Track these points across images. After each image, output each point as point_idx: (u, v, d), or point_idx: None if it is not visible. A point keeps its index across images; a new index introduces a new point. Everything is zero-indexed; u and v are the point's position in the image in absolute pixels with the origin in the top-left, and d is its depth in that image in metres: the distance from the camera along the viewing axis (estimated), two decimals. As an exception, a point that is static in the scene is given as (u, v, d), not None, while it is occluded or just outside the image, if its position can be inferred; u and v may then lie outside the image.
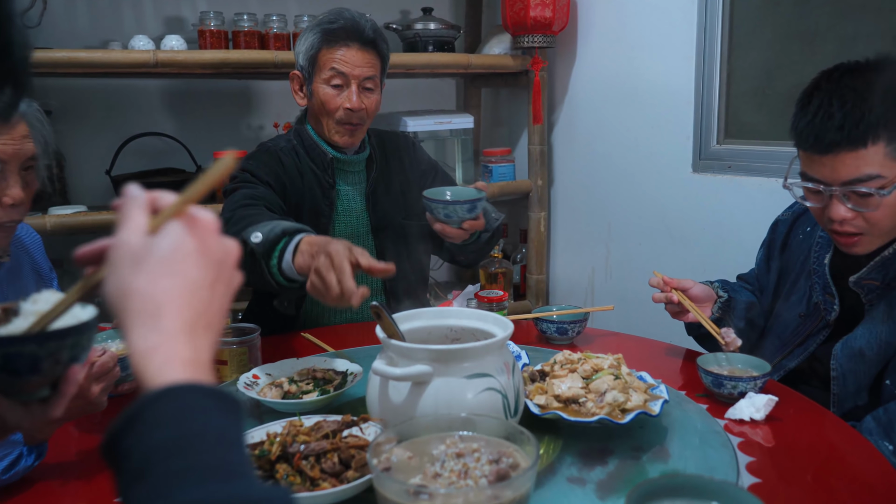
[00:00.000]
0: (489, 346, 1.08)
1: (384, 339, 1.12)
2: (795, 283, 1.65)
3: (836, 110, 1.34)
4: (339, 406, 1.33)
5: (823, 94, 1.38)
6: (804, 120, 1.39)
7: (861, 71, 1.38)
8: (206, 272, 0.64)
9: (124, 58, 2.22)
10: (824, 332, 1.55)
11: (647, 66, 2.64)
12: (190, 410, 0.56)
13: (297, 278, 1.45)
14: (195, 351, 0.60)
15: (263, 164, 1.85)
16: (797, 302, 1.63)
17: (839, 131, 1.33)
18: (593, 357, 1.32)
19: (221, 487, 0.53)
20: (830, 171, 1.37)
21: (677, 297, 1.58)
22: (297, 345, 1.74)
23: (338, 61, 1.82)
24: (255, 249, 1.45)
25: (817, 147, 1.37)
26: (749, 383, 1.35)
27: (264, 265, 1.47)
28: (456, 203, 1.67)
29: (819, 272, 1.57)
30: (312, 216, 1.88)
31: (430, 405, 1.05)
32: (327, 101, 1.84)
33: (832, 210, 1.40)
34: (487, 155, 3.05)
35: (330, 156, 1.90)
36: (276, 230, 1.47)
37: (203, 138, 2.72)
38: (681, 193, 2.57)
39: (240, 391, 1.31)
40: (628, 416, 1.17)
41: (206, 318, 0.62)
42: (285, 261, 1.45)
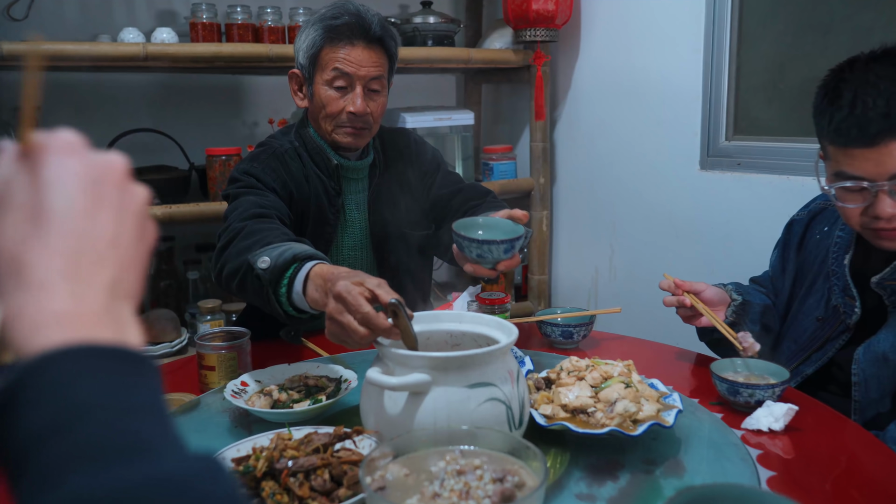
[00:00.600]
0: (492, 354, 1.01)
1: (380, 346, 1.04)
2: (812, 285, 1.58)
3: (873, 99, 1.27)
4: (331, 415, 1.26)
5: (855, 84, 1.30)
6: (839, 114, 1.31)
7: (886, 58, 1.31)
8: (73, 196, 0.49)
9: (113, 51, 2.15)
10: (844, 336, 1.48)
11: (653, 59, 2.57)
12: (74, 376, 0.44)
13: (308, 310, 1.33)
14: (76, 299, 0.47)
15: (270, 168, 1.72)
16: (815, 305, 1.56)
17: (885, 119, 1.26)
18: (602, 364, 1.25)
19: (127, 467, 0.42)
20: (875, 165, 1.29)
21: (689, 300, 1.51)
22: (290, 349, 1.66)
23: (341, 61, 1.69)
24: (262, 276, 1.33)
25: (861, 140, 1.29)
26: (767, 391, 1.28)
27: (272, 294, 1.34)
28: (492, 243, 1.42)
29: (838, 273, 1.49)
30: (318, 226, 1.78)
31: (429, 417, 0.99)
32: (329, 104, 1.72)
33: (879, 207, 1.31)
34: (488, 152, 2.99)
35: (335, 162, 1.78)
36: (287, 255, 1.32)
37: (196, 135, 2.66)
38: (688, 192, 2.50)
39: (227, 399, 1.23)
40: (640, 428, 1.10)
41: (89, 256, 0.48)
42: (295, 291, 1.31)
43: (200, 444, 1.17)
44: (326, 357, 1.58)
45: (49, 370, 0.44)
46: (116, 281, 0.49)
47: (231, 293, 1.47)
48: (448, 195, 1.86)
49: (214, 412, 1.30)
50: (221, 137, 2.69)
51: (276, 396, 1.23)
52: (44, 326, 0.45)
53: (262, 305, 1.39)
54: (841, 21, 2.13)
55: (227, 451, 1.05)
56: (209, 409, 1.31)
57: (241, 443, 1.06)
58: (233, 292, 1.47)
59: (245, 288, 1.41)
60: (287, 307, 1.33)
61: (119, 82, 2.62)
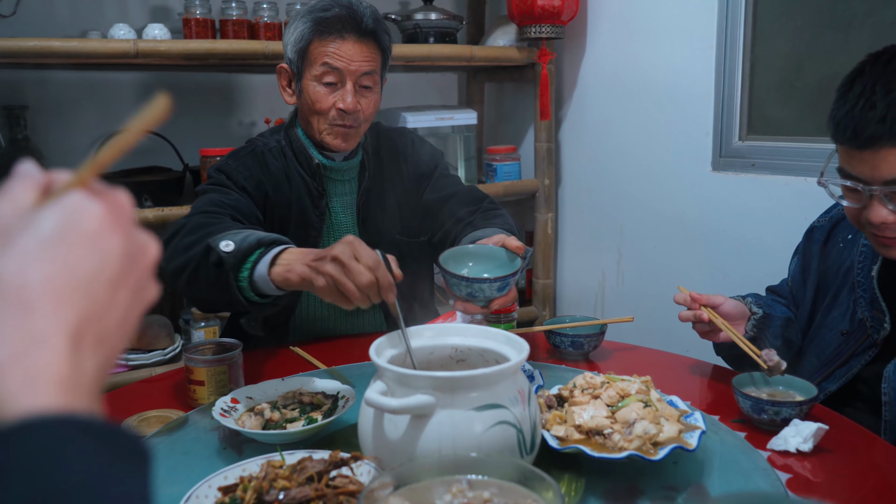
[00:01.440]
0: (501, 373, 0.93)
1: (378, 364, 0.96)
2: (837, 296, 1.50)
3: (878, 99, 1.19)
4: (329, 435, 1.18)
5: (867, 79, 1.22)
6: (843, 109, 1.24)
7: None
8: (106, 264, 0.46)
9: (103, 47, 2.07)
10: (870, 351, 1.40)
11: (663, 56, 2.49)
12: (59, 453, 0.39)
13: (273, 292, 1.30)
14: (76, 369, 0.43)
15: (244, 166, 1.66)
16: (839, 318, 1.47)
17: (881, 124, 1.18)
18: (618, 380, 1.16)
19: None
20: (870, 169, 1.22)
21: (707, 314, 1.42)
22: (285, 361, 1.58)
23: (331, 55, 1.61)
24: (225, 260, 1.28)
25: (855, 141, 1.22)
26: (794, 409, 1.19)
27: (232, 278, 1.29)
28: (483, 281, 1.31)
29: (865, 285, 1.41)
30: (301, 228, 1.70)
31: (433, 442, 0.91)
32: (317, 101, 1.63)
33: (871, 212, 1.25)
34: (491, 153, 2.91)
35: (316, 161, 1.70)
36: (251, 239, 1.30)
37: (190, 135, 2.58)
38: (699, 194, 2.42)
39: (215, 418, 1.15)
40: (662, 451, 1.01)
41: (98, 328, 0.45)
42: (258, 273, 1.28)
43: (187, 467, 1.10)
44: (323, 370, 1.49)
45: (36, 437, 0.39)
46: (108, 361, 0.47)
47: (177, 289, 1.41)
48: (440, 200, 1.76)
49: (203, 431, 1.21)
50: (216, 138, 2.61)
51: (267, 415, 1.15)
52: (38, 384, 0.41)
53: (215, 298, 1.34)
54: (862, 16, 2.04)
55: (214, 478, 0.96)
56: (197, 428, 1.23)
57: (229, 469, 0.98)
58: (179, 288, 1.42)
59: (197, 280, 1.36)
60: (248, 292, 1.30)
61: (111, 81, 2.54)
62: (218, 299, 1.35)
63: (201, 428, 1.22)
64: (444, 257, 1.37)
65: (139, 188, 2.30)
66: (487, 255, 1.42)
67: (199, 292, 1.40)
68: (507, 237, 1.42)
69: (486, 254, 1.42)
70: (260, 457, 1.01)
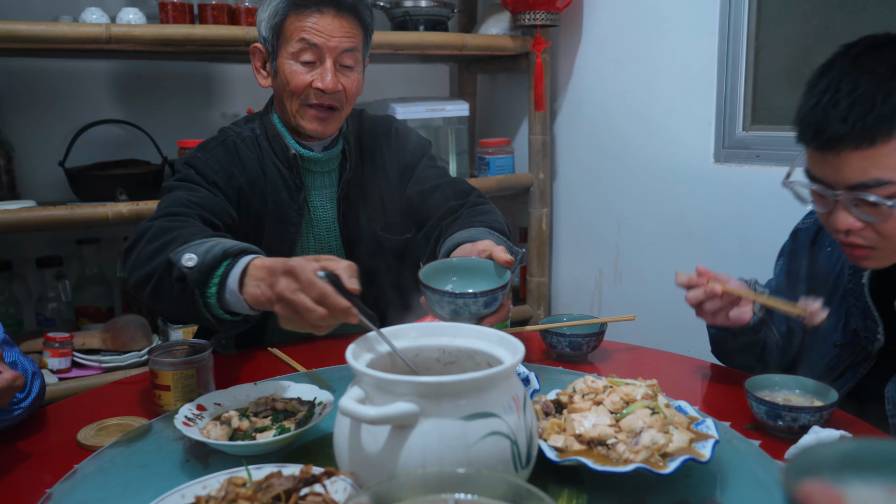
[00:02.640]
0: (494, 377, 0.83)
1: (355, 367, 0.85)
2: (828, 305, 1.39)
3: (843, 97, 1.10)
4: (303, 446, 1.07)
5: (834, 74, 1.13)
6: (806, 106, 1.15)
7: (888, 48, 1.13)
8: None
9: (73, 32, 1.96)
10: (866, 364, 1.30)
11: (663, 43, 2.40)
12: None
13: (243, 311, 1.17)
14: None
15: (214, 158, 1.54)
16: (831, 328, 1.37)
17: (842, 123, 1.09)
18: (621, 383, 1.06)
19: None
20: (834, 172, 1.13)
21: (720, 288, 1.28)
22: (261, 363, 1.47)
23: (308, 30, 1.50)
24: (188, 276, 1.15)
25: (817, 142, 1.13)
26: (813, 415, 1.09)
27: (198, 295, 1.16)
28: (467, 296, 1.19)
29: (857, 293, 1.30)
30: (278, 224, 1.59)
31: (417, 456, 0.81)
32: (293, 80, 1.52)
33: (836, 218, 1.16)
34: (484, 146, 2.83)
35: (292, 151, 1.59)
36: (216, 251, 1.16)
37: (169, 127, 2.49)
38: (701, 187, 2.33)
39: (177, 428, 1.04)
40: (672, 464, 0.91)
41: None
42: (229, 290, 1.15)
43: (144, 482, 0.99)
44: (302, 373, 1.38)
45: None
46: None
47: (145, 301, 1.29)
48: (423, 193, 1.65)
49: (166, 441, 1.11)
50: (197, 129, 2.50)
51: (235, 424, 1.04)
52: None
53: (181, 313, 1.22)
54: (877, -2, 1.95)
55: (171, 496, 0.85)
56: (160, 438, 1.12)
57: (188, 486, 0.87)
58: (147, 301, 1.29)
59: (160, 294, 1.23)
60: (217, 310, 1.17)
61: (85, 70, 2.43)
62: (185, 315, 1.22)
63: (164, 437, 1.12)
64: (425, 272, 1.25)
65: (113, 182, 2.20)
66: (474, 268, 1.30)
67: (165, 306, 1.27)
68: (494, 246, 1.30)
69: (473, 267, 1.30)
70: (224, 472, 0.90)
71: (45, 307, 2.34)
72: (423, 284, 1.21)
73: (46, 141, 2.36)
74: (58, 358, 2.06)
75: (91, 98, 2.44)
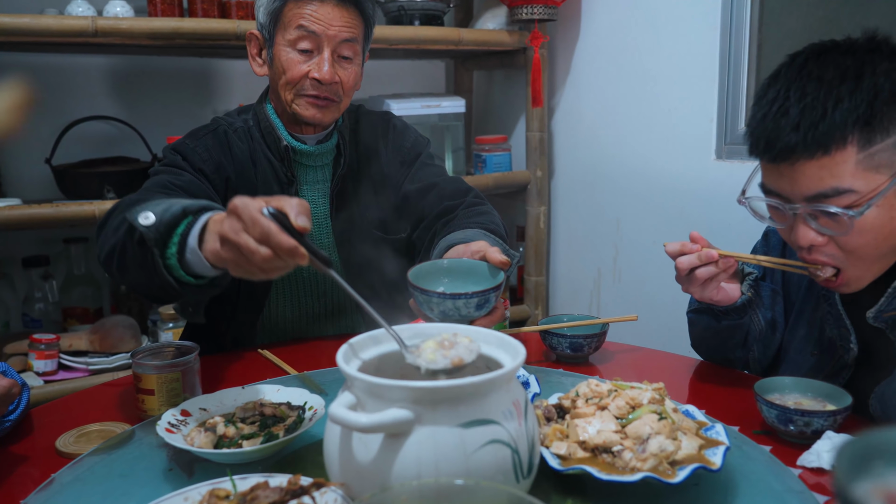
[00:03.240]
0: (494, 381, 0.78)
1: (345, 371, 0.80)
2: (801, 313, 1.34)
3: (791, 105, 1.06)
4: (292, 453, 1.02)
5: (781, 83, 1.10)
6: (756, 118, 1.12)
7: (833, 53, 1.09)
8: None
9: (58, 24, 1.90)
10: (844, 373, 1.25)
11: (664, 38, 2.36)
12: None
13: (207, 273, 1.08)
14: None
15: (203, 146, 1.49)
16: (806, 337, 1.32)
17: (794, 132, 1.05)
18: (627, 387, 1.01)
19: None
20: (790, 184, 1.09)
21: (716, 252, 1.22)
22: (251, 366, 1.42)
23: (307, 17, 1.45)
24: (146, 235, 1.06)
25: (770, 153, 1.09)
26: (827, 420, 1.05)
27: (158, 257, 1.07)
28: (458, 297, 1.11)
29: (829, 300, 1.25)
30: None
31: (412, 466, 0.76)
32: (290, 68, 1.47)
33: (797, 234, 1.12)
34: (480, 143, 2.78)
35: (284, 143, 1.54)
36: (175, 209, 1.07)
37: (159, 123, 2.44)
38: (702, 184, 2.28)
39: (160, 435, 0.99)
40: (681, 472, 0.86)
41: None
42: (189, 248, 1.05)
43: (123, 493, 0.94)
44: (293, 376, 1.33)
45: None
46: None
47: (116, 279, 1.23)
48: (419, 192, 1.60)
49: (149, 448, 1.05)
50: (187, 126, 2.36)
51: (220, 431, 0.99)
52: None
53: (146, 282, 1.14)
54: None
55: (150, 508, 0.80)
56: (142, 445, 1.07)
57: (168, 497, 0.82)
58: (116, 277, 1.23)
59: (125, 263, 1.17)
60: (178, 271, 1.07)
61: (72, 65, 2.38)
62: (148, 284, 1.14)
63: (147, 445, 1.06)
64: (415, 273, 1.18)
65: (101, 180, 2.14)
66: (467, 270, 1.23)
67: (132, 277, 1.19)
68: (489, 247, 1.23)
69: (466, 269, 1.23)
70: (209, 482, 0.85)
71: (31, 308, 2.29)
72: (411, 285, 1.15)
73: (33, 138, 2.30)
74: (43, 360, 2.01)
75: (79, 94, 2.39)
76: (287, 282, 1.58)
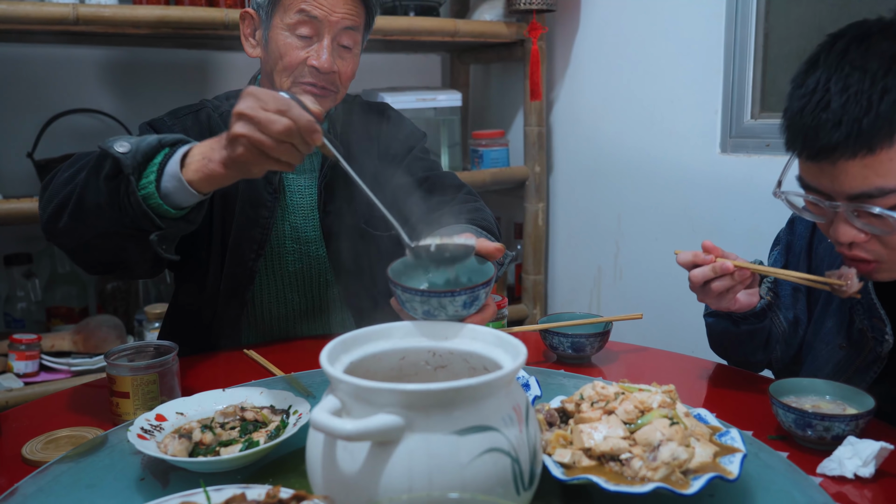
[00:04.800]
0: (492, 384, 0.72)
1: (330, 373, 0.73)
2: (829, 304, 1.28)
3: (833, 97, 0.99)
4: (276, 461, 0.95)
5: (821, 72, 1.02)
6: (792, 109, 1.04)
7: (877, 38, 1.01)
8: None
9: (37, 12, 1.83)
10: (875, 367, 1.19)
11: (666, 28, 2.30)
12: None
13: (190, 200, 1.07)
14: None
15: (181, 126, 1.45)
16: (835, 329, 1.26)
17: (836, 129, 0.98)
18: (634, 389, 0.94)
19: None
20: (831, 181, 1.03)
21: (732, 264, 1.15)
22: (234, 367, 1.35)
23: (310, 2, 1.38)
24: (123, 162, 1.03)
25: (809, 150, 1.02)
26: (849, 424, 0.98)
27: (135, 185, 1.04)
28: (443, 295, 0.96)
29: (861, 291, 1.19)
30: (250, 207, 1.46)
31: (402, 478, 0.69)
32: (287, 54, 1.40)
33: (837, 231, 1.06)
34: (477, 137, 2.73)
35: None
36: (150, 140, 1.06)
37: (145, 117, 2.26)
38: (706, 178, 2.23)
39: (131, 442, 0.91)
40: (696, 482, 0.80)
41: None
42: (169, 174, 1.05)
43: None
44: (280, 377, 1.26)
45: None
46: None
47: (59, 237, 1.17)
48: (409, 186, 1.52)
49: (121, 456, 0.98)
50: None
51: (196, 437, 0.92)
52: None
53: (106, 225, 1.10)
54: (895, -27, 1.84)
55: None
56: (114, 452, 0.99)
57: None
58: (58, 233, 1.18)
59: (82, 210, 1.11)
60: (155, 199, 1.06)
61: (51, 56, 2.31)
62: (110, 231, 1.10)
63: (119, 452, 0.99)
64: (395, 269, 1.07)
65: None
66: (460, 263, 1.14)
67: (87, 226, 1.13)
68: (479, 241, 1.10)
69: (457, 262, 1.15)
70: (181, 494, 0.78)
71: (13, 307, 2.22)
72: (391, 282, 1.03)
73: (13, 131, 2.24)
74: (24, 361, 1.94)
75: (62, 86, 2.32)
76: (270, 275, 1.52)
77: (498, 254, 1.08)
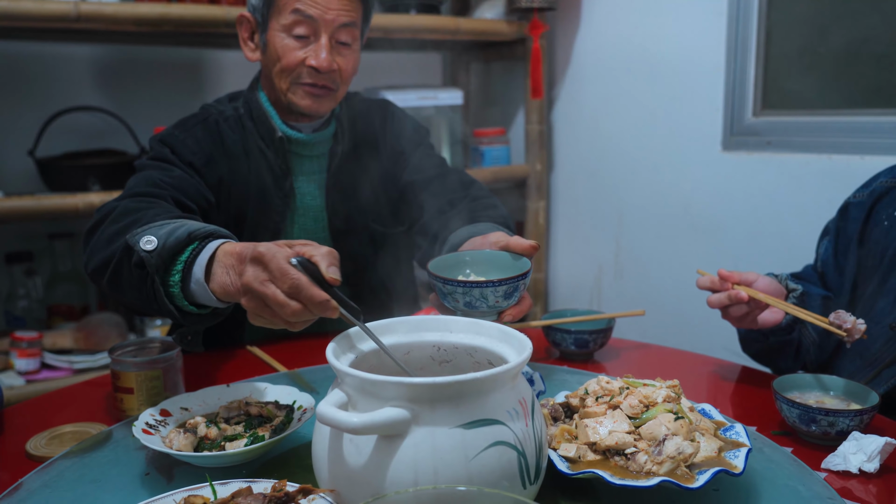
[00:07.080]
0: (498, 378, 0.72)
1: (336, 366, 0.73)
2: (884, 283, 1.28)
3: None
4: (278, 457, 0.95)
5: None
6: None
7: None
8: None
9: (38, 9, 1.83)
10: None
11: (668, 25, 2.30)
12: None
13: (210, 304, 1.01)
14: None
15: (193, 138, 1.41)
16: (886, 309, 1.25)
17: None
18: (639, 384, 0.94)
19: None
20: None
21: (745, 292, 1.18)
22: (238, 363, 1.35)
23: (304, 1, 1.37)
24: (147, 261, 0.99)
25: None
26: (853, 419, 0.98)
27: (159, 283, 1.00)
28: (485, 285, 1.04)
29: None
30: (261, 212, 1.46)
31: (408, 471, 0.69)
32: (285, 55, 1.40)
33: None
34: (478, 136, 2.72)
35: (279, 134, 1.46)
36: (180, 233, 1.00)
37: (148, 115, 2.36)
38: (708, 176, 2.24)
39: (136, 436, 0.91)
40: (701, 476, 0.80)
41: None
42: (195, 279, 0.98)
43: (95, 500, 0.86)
44: (283, 373, 1.26)
45: None
46: None
47: (104, 292, 1.14)
48: (420, 183, 1.53)
49: (125, 451, 0.98)
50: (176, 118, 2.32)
51: (201, 432, 0.92)
52: None
53: (142, 304, 1.06)
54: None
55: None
56: (119, 448, 0.99)
57: None
58: (106, 291, 1.14)
59: (119, 282, 1.08)
60: (181, 301, 1.00)
61: (52, 54, 2.30)
62: (147, 307, 1.06)
63: (124, 447, 0.99)
64: (435, 265, 1.12)
65: (86, 172, 2.07)
66: (489, 261, 1.17)
67: (125, 296, 1.11)
68: (509, 236, 1.16)
69: (488, 260, 1.17)
70: (186, 488, 0.78)
71: (14, 305, 2.21)
72: (433, 276, 1.08)
73: (15, 129, 2.22)
74: (25, 359, 1.94)
75: (63, 84, 2.31)
76: None
77: (532, 251, 1.13)
